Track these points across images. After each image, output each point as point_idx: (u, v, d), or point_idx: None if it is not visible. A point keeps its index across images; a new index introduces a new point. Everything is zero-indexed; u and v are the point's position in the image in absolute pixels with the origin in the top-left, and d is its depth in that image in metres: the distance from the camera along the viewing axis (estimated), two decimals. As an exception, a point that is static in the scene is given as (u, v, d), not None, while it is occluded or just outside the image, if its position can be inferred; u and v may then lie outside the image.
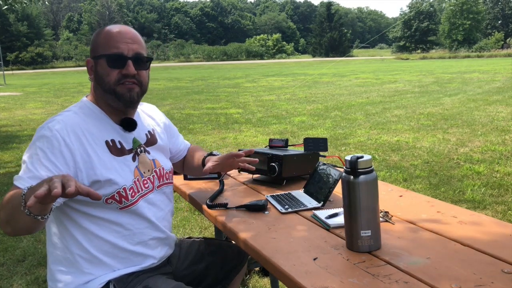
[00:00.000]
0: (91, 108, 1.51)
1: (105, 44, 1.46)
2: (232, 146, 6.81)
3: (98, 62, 1.48)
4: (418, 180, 4.77)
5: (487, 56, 47.44)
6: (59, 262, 1.49)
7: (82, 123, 1.45)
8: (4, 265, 3.21)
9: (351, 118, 9.08)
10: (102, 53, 1.46)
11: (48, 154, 1.35)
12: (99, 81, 1.49)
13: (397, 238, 1.40)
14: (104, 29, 1.50)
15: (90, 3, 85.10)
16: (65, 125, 1.40)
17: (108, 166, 1.45)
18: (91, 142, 1.44)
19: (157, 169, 1.61)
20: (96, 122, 1.49)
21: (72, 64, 58.40)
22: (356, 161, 1.30)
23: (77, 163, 1.39)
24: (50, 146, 1.36)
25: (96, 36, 1.51)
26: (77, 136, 1.41)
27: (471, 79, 17.52)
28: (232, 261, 1.85)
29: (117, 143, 1.50)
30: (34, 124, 9.84)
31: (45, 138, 1.37)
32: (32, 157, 1.35)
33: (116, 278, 1.47)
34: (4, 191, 4.98)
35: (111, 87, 1.46)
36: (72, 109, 1.50)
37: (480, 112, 9.22)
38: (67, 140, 1.38)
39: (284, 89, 16.08)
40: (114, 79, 1.46)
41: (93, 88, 1.54)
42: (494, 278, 1.12)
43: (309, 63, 46.33)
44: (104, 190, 1.43)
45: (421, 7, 69.48)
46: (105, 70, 1.46)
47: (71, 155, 1.38)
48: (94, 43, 1.50)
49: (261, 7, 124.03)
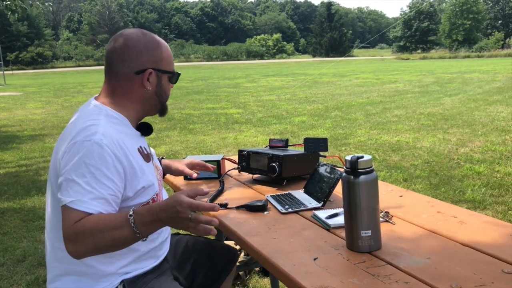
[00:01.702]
0: (114, 115, 1.42)
1: (169, 61, 1.49)
2: (232, 146, 6.81)
3: (163, 76, 1.47)
4: (419, 180, 4.77)
5: (487, 56, 47.43)
6: (68, 273, 1.41)
7: (118, 133, 1.37)
8: (4, 265, 3.21)
9: (351, 118, 9.08)
10: (168, 70, 1.48)
11: (105, 171, 1.28)
12: (160, 95, 1.49)
13: (397, 238, 1.40)
14: (161, 42, 1.48)
15: (90, 3, 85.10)
16: (111, 138, 1.32)
17: (147, 172, 1.43)
18: (131, 151, 1.39)
19: (159, 171, 1.62)
20: (125, 130, 1.43)
21: (72, 64, 58.43)
22: (356, 161, 1.30)
23: (127, 176, 1.35)
24: (104, 163, 1.28)
25: (156, 46, 1.45)
26: (121, 148, 1.35)
27: (471, 79, 17.52)
28: (221, 260, 1.84)
29: (143, 149, 1.48)
30: (34, 124, 9.84)
31: (97, 155, 1.28)
32: (85, 176, 1.25)
33: (128, 279, 1.45)
34: (4, 191, 4.98)
35: (165, 102, 1.53)
36: (100, 117, 1.38)
37: (480, 112, 9.21)
38: (117, 154, 1.32)
39: (284, 89, 16.08)
40: (169, 95, 1.54)
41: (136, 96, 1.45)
42: (494, 278, 1.12)
43: (309, 63, 46.32)
44: (142, 198, 1.41)
45: (421, 7, 69.44)
46: (167, 85, 1.50)
47: (123, 169, 1.33)
48: (157, 54, 1.45)
49: (261, 7, 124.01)
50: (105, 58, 1.46)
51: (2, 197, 4.78)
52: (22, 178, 5.50)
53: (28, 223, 3.98)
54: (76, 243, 1.21)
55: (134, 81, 1.43)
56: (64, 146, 1.33)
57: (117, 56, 1.42)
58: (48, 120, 10.36)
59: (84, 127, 1.33)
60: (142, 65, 1.42)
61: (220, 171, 2.17)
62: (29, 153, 6.96)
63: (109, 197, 1.27)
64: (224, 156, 2.25)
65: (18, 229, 3.86)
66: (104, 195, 1.26)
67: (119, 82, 1.44)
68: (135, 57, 1.42)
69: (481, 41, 59.62)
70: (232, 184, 2.09)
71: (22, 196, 4.78)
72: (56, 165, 1.35)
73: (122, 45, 1.42)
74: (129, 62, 1.42)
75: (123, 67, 1.42)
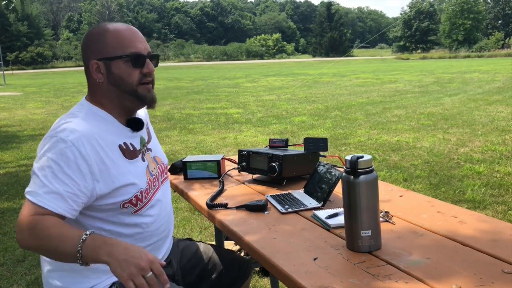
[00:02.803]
0: (97, 112, 1.42)
1: (119, 44, 1.39)
2: (232, 146, 6.81)
3: (112, 63, 1.40)
4: (418, 180, 4.77)
5: (487, 56, 47.41)
6: (58, 269, 1.42)
7: (94, 129, 1.36)
8: (4, 265, 3.21)
9: (351, 118, 9.08)
10: (118, 54, 1.39)
11: (64, 167, 1.27)
12: (116, 83, 1.41)
13: (397, 238, 1.40)
14: (107, 28, 1.41)
15: (90, 3, 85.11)
16: (79, 135, 1.31)
17: (125, 171, 1.40)
18: (106, 149, 1.36)
19: (159, 165, 1.58)
20: (106, 126, 1.41)
21: (72, 64, 58.36)
22: (356, 161, 1.29)
23: (94, 175, 1.32)
24: (65, 159, 1.28)
25: (99, 36, 1.41)
26: (91, 145, 1.33)
27: (472, 79, 17.52)
28: (232, 272, 1.76)
29: (129, 145, 1.45)
30: (34, 124, 9.84)
31: (58, 150, 1.28)
32: (44, 170, 1.27)
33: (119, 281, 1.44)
34: (4, 191, 4.98)
35: (133, 88, 1.42)
36: (79, 114, 1.40)
37: (480, 112, 9.22)
38: (82, 152, 1.30)
39: (284, 89, 16.08)
40: (136, 80, 1.41)
41: (100, 91, 1.43)
42: (494, 278, 1.12)
43: (309, 63, 46.32)
44: (122, 196, 1.39)
45: (421, 6, 69.43)
46: (125, 71, 1.40)
47: (88, 167, 1.31)
48: (100, 43, 1.40)
49: (261, 7, 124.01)
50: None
51: (2, 197, 4.78)
52: (22, 178, 5.50)
53: (28, 223, 3.97)
54: (23, 234, 1.23)
55: (91, 77, 1.44)
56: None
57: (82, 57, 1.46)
58: (48, 120, 10.36)
59: (57, 123, 1.37)
60: (88, 59, 1.42)
61: (220, 171, 2.17)
62: (29, 153, 6.96)
63: (65, 193, 1.27)
64: (224, 156, 2.25)
65: (18, 229, 3.86)
66: (59, 190, 1.26)
67: (89, 80, 1.46)
68: (84, 52, 1.44)
69: (481, 41, 59.60)
70: (232, 184, 2.09)
71: (22, 196, 4.77)
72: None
73: (81, 45, 1.47)
74: (84, 59, 1.44)
75: (84, 66, 1.45)
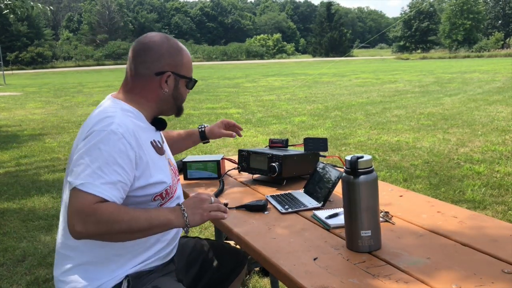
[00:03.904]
0: (130, 109, 1.49)
1: (188, 67, 1.57)
2: (232, 146, 6.81)
3: (180, 80, 1.55)
4: (418, 180, 4.77)
5: (487, 56, 47.38)
6: (77, 263, 1.44)
7: (134, 125, 1.44)
8: (4, 265, 3.21)
9: (351, 118, 9.08)
10: (187, 75, 1.56)
11: (117, 158, 1.34)
12: (175, 97, 1.56)
13: (397, 238, 1.40)
14: (182, 48, 1.55)
15: (90, 3, 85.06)
16: (126, 128, 1.39)
17: (160, 165, 1.50)
18: (144, 144, 1.45)
19: (172, 166, 1.63)
20: (139, 123, 1.49)
21: (72, 64, 58.39)
22: (356, 161, 1.30)
23: (138, 167, 1.41)
24: (117, 150, 1.35)
25: (177, 52, 1.53)
26: (136, 139, 1.41)
27: (471, 79, 17.52)
28: (230, 263, 1.83)
29: (157, 142, 1.54)
30: (34, 124, 9.84)
31: (112, 142, 1.35)
32: (98, 161, 1.32)
33: (133, 274, 1.46)
34: (4, 191, 4.98)
35: (181, 105, 1.61)
36: (117, 110, 1.46)
37: (480, 112, 9.21)
38: (132, 143, 1.38)
39: (284, 89, 16.08)
40: (185, 98, 1.61)
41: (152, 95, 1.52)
42: (494, 278, 1.12)
43: (309, 63, 46.32)
44: (155, 189, 1.46)
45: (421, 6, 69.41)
46: (183, 90, 1.58)
47: (135, 159, 1.39)
48: (177, 59, 1.53)
49: (261, 7, 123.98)
50: (128, 58, 1.54)
51: (2, 197, 4.78)
52: (22, 178, 5.50)
53: (28, 223, 3.98)
54: (87, 223, 1.27)
55: (152, 82, 1.51)
56: (82, 136, 1.40)
57: (139, 57, 1.50)
58: (48, 120, 10.36)
59: (102, 118, 1.40)
60: (162, 68, 1.50)
61: (220, 171, 2.17)
62: (29, 153, 6.96)
63: (118, 183, 1.34)
64: (224, 156, 2.25)
65: (18, 229, 3.86)
66: (113, 180, 1.32)
67: (138, 81, 1.51)
68: (157, 59, 1.50)
69: (481, 41, 59.57)
70: (232, 184, 2.09)
71: (22, 196, 4.78)
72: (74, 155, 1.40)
73: (145, 47, 1.50)
74: (150, 63, 1.49)
75: (144, 68, 1.50)
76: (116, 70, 40.23)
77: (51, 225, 3.91)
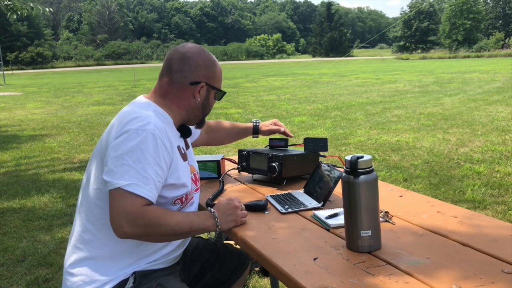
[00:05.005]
0: (161, 113, 1.53)
1: (220, 80, 1.64)
2: (232, 145, 6.81)
3: (211, 91, 1.61)
4: (418, 180, 4.77)
5: (487, 56, 47.39)
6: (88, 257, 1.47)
7: (164, 128, 1.48)
8: (4, 265, 3.21)
9: (351, 118, 9.08)
10: (218, 87, 1.63)
11: (157, 158, 1.39)
12: (205, 107, 1.62)
13: (397, 238, 1.40)
14: (215, 61, 1.62)
15: (90, 3, 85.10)
16: (160, 130, 1.43)
17: (184, 170, 1.55)
18: (172, 147, 1.50)
19: (192, 174, 1.65)
20: (169, 127, 1.53)
21: (72, 64, 58.37)
22: (356, 161, 1.29)
23: (170, 167, 1.46)
24: (157, 151, 1.40)
25: (212, 64, 1.59)
26: (168, 140, 1.46)
27: (471, 79, 17.52)
28: (231, 264, 1.84)
29: (181, 148, 1.59)
30: (34, 124, 9.84)
31: (151, 142, 1.39)
32: (142, 162, 1.36)
33: (140, 272, 1.48)
34: (4, 191, 4.98)
35: (206, 115, 1.67)
36: (150, 112, 1.49)
37: (480, 112, 9.21)
38: (166, 145, 1.44)
39: (284, 89, 16.08)
40: (211, 109, 1.68)
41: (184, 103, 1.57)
42: (494, 278, 1.12)
43: (309, 63, 46.32)
44: (177, 192, 1.51)
45: (421, 6, 69.39)
46: (212, 101, 1.64)
47: (168, 160, 1.45)
48: (212, 71, 1.59)
49: (261, 7, 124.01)
50: (165, 64, 1.59)
51: (2, 197, 4.78)
52: (22, 178, 5.50)
53: (28, 223, 3.98)
54: (136, 226, 1.32)
55: (186, 90, 1.56)
56: (117, 131, 1.42)
57: (176, 65, 1.56)
58: (48, 120, 10.36)
59: (136, 117, 1.44)
60: (198, 78, 1.56)
61: (220, 171, 2.17)
62: (29, 153, 6.96)
63: (158, 184, 1.40)
64: (224, 156, 2.25)
65: (18, 229, 3.86)
66: (155, 181, 1.38)
67: (173, 88, 1.56)
68: (193, 69, 1.56)
69: (481, 41, 59.55)
70: (232, 184, 2.09)
71: (22, 196, 4.78)
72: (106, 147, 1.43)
73: (184, 56, 1.56)
74: (186, 72, 1.55)
75: (180, 76, 1.55)
76: (116, 70, 40.22)
77: (51, 225, 3.91)
